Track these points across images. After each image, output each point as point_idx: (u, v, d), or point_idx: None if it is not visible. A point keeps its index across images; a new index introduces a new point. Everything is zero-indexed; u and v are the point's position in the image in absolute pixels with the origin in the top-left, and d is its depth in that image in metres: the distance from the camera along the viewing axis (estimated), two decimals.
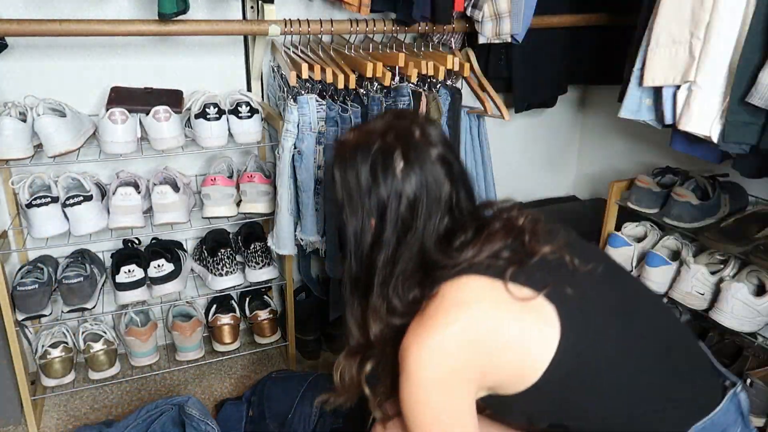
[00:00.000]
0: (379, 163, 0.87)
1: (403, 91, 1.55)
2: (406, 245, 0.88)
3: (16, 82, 1.53)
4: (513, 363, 0.82)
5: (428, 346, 0.80)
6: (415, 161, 0.87)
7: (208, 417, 1.43)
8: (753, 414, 1.52)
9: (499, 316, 0.81)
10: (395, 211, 0.87)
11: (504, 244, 0.86)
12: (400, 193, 0.86)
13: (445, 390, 0.81)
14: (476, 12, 1.61)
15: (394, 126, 0.90)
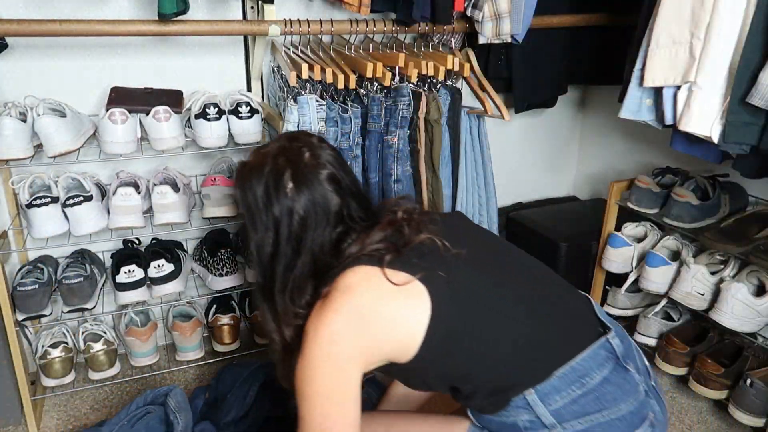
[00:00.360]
0: (271, 184, 0.97)
1: (403, 91, 1.55)
2: (300, 255, 0.98)
3: (16, 82, 1.53)
4: (395, 337, 0.94)
5: (320, 329, 0.92)
6: (303, 182, 0.97)
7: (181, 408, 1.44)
8: (752, 413, 1.52)
9: (379, 297, 0.92)
10: (287, 226, 0.97)
11: (384, 235, 0.97)
12: (291, 211, 0.97)
13: (333, 368, 0.92)
14: (476, 12, 1.61)
15: (286, 149, 1.00)
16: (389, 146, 1.57)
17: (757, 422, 1.53)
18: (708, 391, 1.62)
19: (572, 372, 0.93)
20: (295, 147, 1.00)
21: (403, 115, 1.56)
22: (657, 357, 1.74)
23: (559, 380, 0.92)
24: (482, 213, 1.81)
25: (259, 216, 0.99)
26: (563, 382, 0.92)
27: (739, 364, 1.61)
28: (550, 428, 0.92)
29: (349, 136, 1.55)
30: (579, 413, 0.92)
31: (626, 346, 1.00)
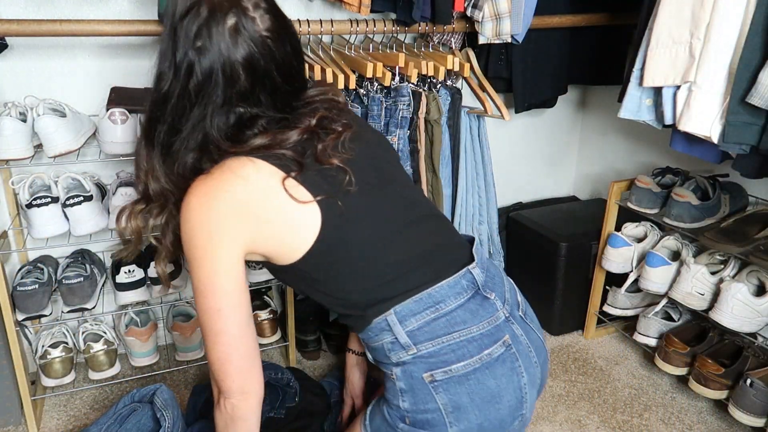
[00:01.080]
0: (191, 22, 0.88)
1: (403, 91, 1.55)
2: (188, 120, 0.92)
3: (16, 82, 1.53)
4: (276, 240, 0.94)
5: (204, 199, 0.91)
6: (213, 46, 0.88)
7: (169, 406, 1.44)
8: (752, 413, 1.52)
9: (270, 196, 0.91)
10: (184, 79, 0.90)
11: (297, 140, 0.94)
12: (191, 66, 0.89)
13: (212, 239, 0.91)
14: (476, 12, 1.61)
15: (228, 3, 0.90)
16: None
17: (757, 422, 1.53)
18: (708, 391, 1.62)
19: (429, 298, 0.98)
20: (226, 2, 0.90)
21: (403, 115, 1.56)
22: (657, 357, 1.74)
23: (415, 303, 0.97)
24: (482, 213, 1.81)
25: (168, 46, 0.91)
26: (419, 306, 0.97)
27: (739, 364, 1.61)
28: (407, 349, 0.97)
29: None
30: (431, 336, 0.97)
31: (489, 277, 1.04)
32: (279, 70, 0.94)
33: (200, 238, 0.92)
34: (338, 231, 0.95)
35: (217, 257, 0.92)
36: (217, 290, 0.93)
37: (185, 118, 0.92)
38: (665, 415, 1.70)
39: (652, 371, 1.85)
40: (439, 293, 0.98)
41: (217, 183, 0.92)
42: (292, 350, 1.83)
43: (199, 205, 0.92)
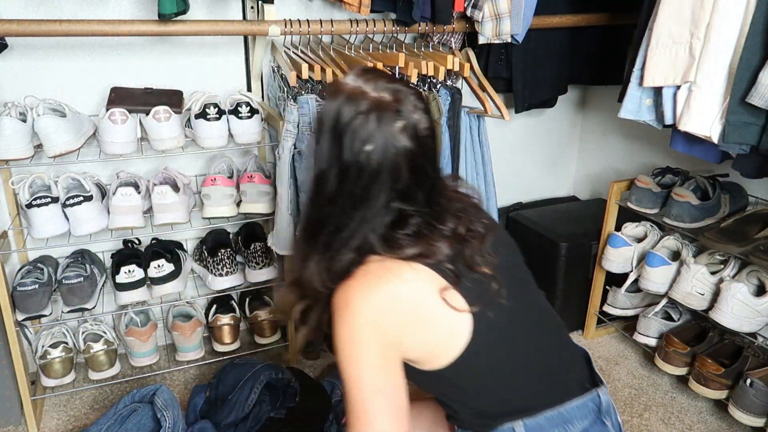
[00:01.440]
0: (358, 125, 0.89)
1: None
2: (353, 219, 0.91)
3: (16, 82, 1.53)
4: (427, 343, 0.92)
5: (364, 294, 0.89)
6: (384, 144, 0.88)
7: (169, 406, 1.44)
8: (752, 413, 1.52)
9: (427, 301, 0.90)
10: (355, 176, 0.89)
11: (450, 253, 0.92)
12: (361, 163, 0.89)
13: (368, 337, 0.88)
14: (476, 12, 1.61)
15: (396, 91, 0.91)
16: None
17: (757, 422, 1.53)
18: (708, 391, 1.62)
19: (559, 416, 0.98)
20: (401, 96, 0.91)
21: None
22: (657, 357, 1.74)
23: (546, 420, 0.97)
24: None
25: (332, 148, 0.90)
26: (549, 423, 0.97)
27: (739, 364, 1.60)
28: None
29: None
30: None
31: (609, 402, 1.05)
32: (431, 166, 0.96)
33: (355, 332, 0.89)
34: (487, 342, 0.94)
35: (367, 352, 0.89)
36: (364, 386, 0.89)
37: (348, 217, 0.92)
38: (665, 415, 1.70)
39: (652, 371, 1.85)
40: (569, 413, 0.99)
41: (376, 279, 0.90)
42: (292, 350, 1.83)
43: (359, 299, 0.89)
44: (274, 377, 1.54)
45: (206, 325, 1.79)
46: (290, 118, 1.49)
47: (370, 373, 0.89)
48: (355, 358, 0.89)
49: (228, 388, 1.53)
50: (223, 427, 1.45)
